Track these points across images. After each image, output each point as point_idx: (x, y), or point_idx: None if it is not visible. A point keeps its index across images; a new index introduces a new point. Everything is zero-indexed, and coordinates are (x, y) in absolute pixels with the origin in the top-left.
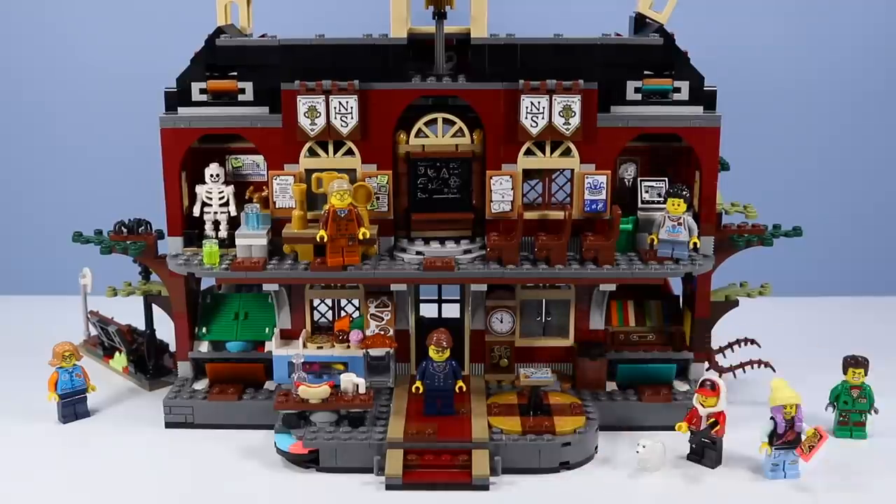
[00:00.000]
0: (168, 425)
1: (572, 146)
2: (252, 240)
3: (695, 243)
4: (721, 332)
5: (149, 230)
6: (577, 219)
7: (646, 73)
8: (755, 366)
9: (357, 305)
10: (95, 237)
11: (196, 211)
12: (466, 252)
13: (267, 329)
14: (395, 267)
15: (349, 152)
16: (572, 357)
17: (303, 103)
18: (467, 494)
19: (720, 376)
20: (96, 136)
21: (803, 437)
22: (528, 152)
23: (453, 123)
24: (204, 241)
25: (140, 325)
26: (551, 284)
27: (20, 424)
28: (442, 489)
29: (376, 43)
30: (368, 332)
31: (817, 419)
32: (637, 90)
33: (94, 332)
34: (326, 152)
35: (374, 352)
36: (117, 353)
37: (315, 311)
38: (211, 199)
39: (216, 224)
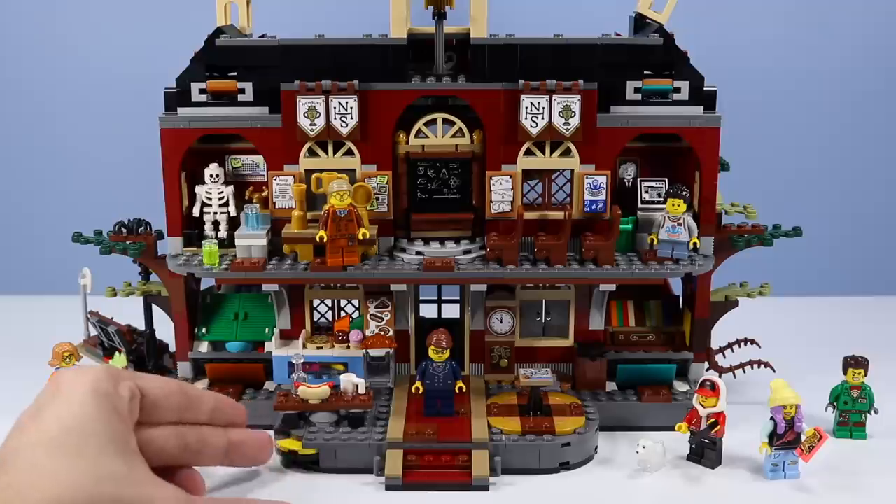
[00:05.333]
0: None
1: (572, 146)
2: (252, 240)
3: (695, 243)
4: (721, 332)
5: (148, 230)
6: (577, 219)
7: (646, 73)
8: (755, 366)
9: (357, 305)
10: (95, 237)
11: (196, 211)
12: (466, 252)
13: (267, 329)
14: (395, 267)
15: (349, 152)
16: (572, 357)
17: (303, 103)
18: (467, 495)
19: (720, 376)
20: (96, 136)
21: (803, 438)
22: (528, 152)
23: (453, 123)
24: (204, 242)
25: (140, 325)
26: (551, 284)
27: None
28: (442, 489)
29: (376, 43)
30: (368, 333)
31: (817, 419)
32: (637, 90)
33: (94, 332)
34: (326, 152)
35: (373, 352)
36: (117, 353)
37: (315, 312)
38: (211, 199)
39: (216, 224)
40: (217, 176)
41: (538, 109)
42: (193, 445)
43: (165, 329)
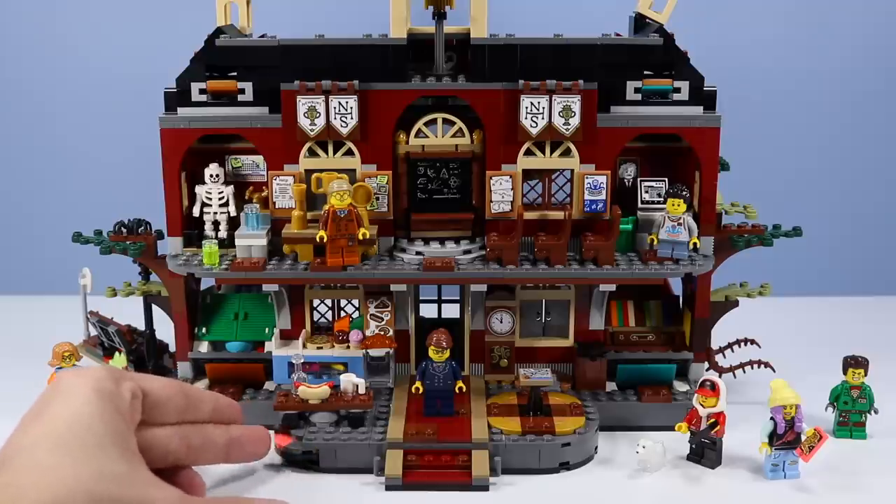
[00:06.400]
0: None
1: (572, 146)
2: (252, 240)
3: (695, 243)
4: (721, 332)
5: (148, 230)
6: (577, 219)
7: (646, 73)
8: (755, 366)
9: (357, 305)
10: (95, 237)
11: (196, 211)
12: (466, 252)
13: (267, 329)
14: (395, 267)
15: (349, 152)
16: (572, 357)
17: (303, 103)
18: (467, 495)
19: (720, 377)
20: (96, 137)
21: (803, 438)
22: (528, 152)
23: (453, 123)
24: (204, 242)
25: (140, 325)
26: (551, 284)
27: None
28: (442, 489)
29: (376, 43)
30: (368, 333)
31: (817, 419)
32: (637, 90)
33: (94, 332)
34: (326, 152)
35: (373, 352)
36: (117, 353)
37: (315, 312)
38: (211, 199)
39: (216, 224)
40: (217, 176)
41: (538, 109)
42: (196, 445)
43: (165, 329)
